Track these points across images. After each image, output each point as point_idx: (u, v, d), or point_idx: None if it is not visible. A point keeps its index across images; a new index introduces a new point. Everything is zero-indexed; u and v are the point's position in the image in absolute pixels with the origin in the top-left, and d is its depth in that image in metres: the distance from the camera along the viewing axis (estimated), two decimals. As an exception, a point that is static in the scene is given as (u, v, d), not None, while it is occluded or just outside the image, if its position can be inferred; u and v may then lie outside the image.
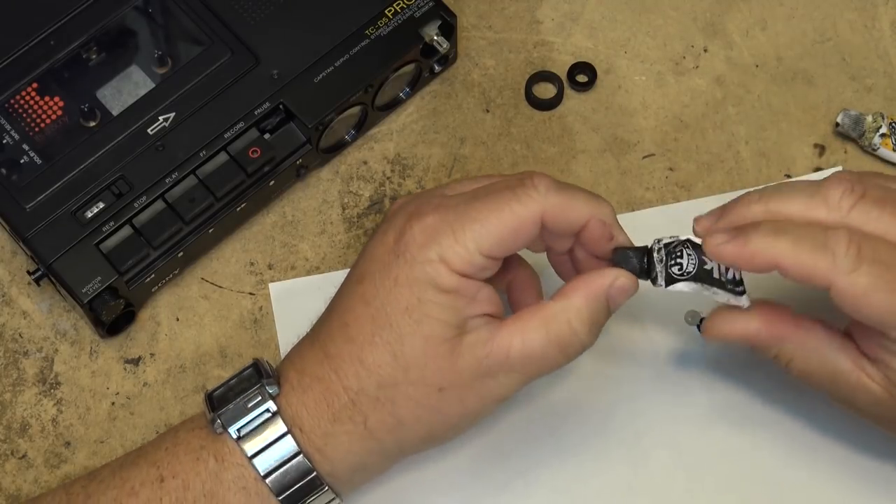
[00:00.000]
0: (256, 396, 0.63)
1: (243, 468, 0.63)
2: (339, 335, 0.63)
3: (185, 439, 0.64)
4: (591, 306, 0.63)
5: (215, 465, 0.63)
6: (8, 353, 0.74)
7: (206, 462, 0.63)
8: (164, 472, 0.63)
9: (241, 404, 0.63)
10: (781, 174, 0.77)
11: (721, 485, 0.70)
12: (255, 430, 0.63)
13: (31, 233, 0.72)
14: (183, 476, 0.63)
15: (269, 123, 0.74)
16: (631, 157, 0.78)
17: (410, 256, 0.62)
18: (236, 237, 0.77)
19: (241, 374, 0.65)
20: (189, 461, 0.63)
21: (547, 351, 0.63)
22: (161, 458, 0.64)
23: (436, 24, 0.76)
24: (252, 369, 0.65)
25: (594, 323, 0.63)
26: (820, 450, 0.70)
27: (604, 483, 0.70)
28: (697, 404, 0.71)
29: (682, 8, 0.82)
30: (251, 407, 0.63)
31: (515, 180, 0.63)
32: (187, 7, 0.76)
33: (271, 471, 0.63)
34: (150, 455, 0.64)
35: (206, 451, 0.63)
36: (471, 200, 0.63)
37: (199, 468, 0.63)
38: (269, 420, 0.63)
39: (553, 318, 0.63)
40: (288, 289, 0.75)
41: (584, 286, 0.63)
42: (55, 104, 0.75)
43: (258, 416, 0.63)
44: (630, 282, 0.64)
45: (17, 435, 0.72)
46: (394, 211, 0.65)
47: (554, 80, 0.80)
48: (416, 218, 0.63)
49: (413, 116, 0.79)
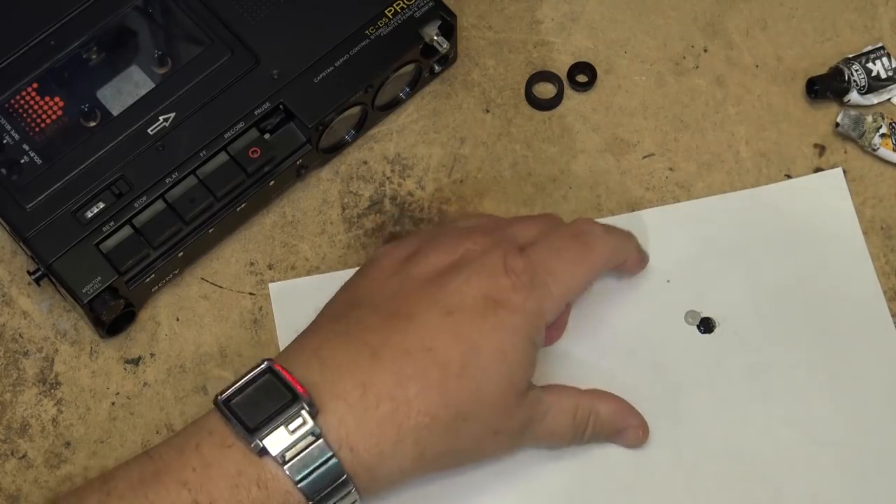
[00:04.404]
0: (297, 417, 0.61)
1: (289, 495, 0.61)
2: (421, 358, 0.63)
3: (215, 460, 0.61)
4: (606, 424, 0.69)
5: (259, 493, 0.60)
6: (8, 353, 0.74)
7: (247, 489, 0.60)
8: (199, 497, 0.60)
9: (279, 425, 0.60)
10: (781, 174, 0.77)
11: (721, 485, 0.70)
12: (300, 454, 0.61)
13: (31, 233, 0.71)
14: (222, 503, 0.60)
15: (269, 123, 0.74)
16: (631, 157, 0.78)
17: (513, 306, 0.64)
18: (236, 237, 0.77)
19: (258, 383, 0.62)
20: (227, 488, 0.60)
21: (566, 435, 0.68)
22: (190, 479, 0.60)
23: (436, 24, 0.76)
24: (270, 376, 0.62)
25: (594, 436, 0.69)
26: (820, 450, 0.70)
27: (604, 483, 0.70)
28: (697, 404, 0.71)
29: (682, 8, 0.82)
30: (294, 430, 0.61)
31: (576, 230, 0.69)
32: (187, 7, 0.76)
33: (316, 493, 0.61)
34: (176, 474, 0.61)
35: (245, 477, 0.61)
36: (551, 254, 0.67)
37: (241, 496, 0.60)
38: (315, 443, 0.61)
39: (580, 409, 0.68)
40: (288, 289, 0.75)
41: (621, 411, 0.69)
42: (55, 104, 0.75)
43: (302, 438, 0.61)
44: (643, 439, 0.70)
45: (17, 435, 0.72)
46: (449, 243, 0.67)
47: (554, 80, 0.80)
48: (512, 271, 0.65)
49: (413, 116, 0.79)
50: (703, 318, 0.73)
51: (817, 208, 0.76)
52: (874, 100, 0.78)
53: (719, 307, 0.73)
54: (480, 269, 0.65)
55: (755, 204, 0.76)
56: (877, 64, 0.77)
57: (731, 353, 0.72)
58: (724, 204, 0.76)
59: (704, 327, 0.73)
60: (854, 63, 0.77)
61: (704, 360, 0.72)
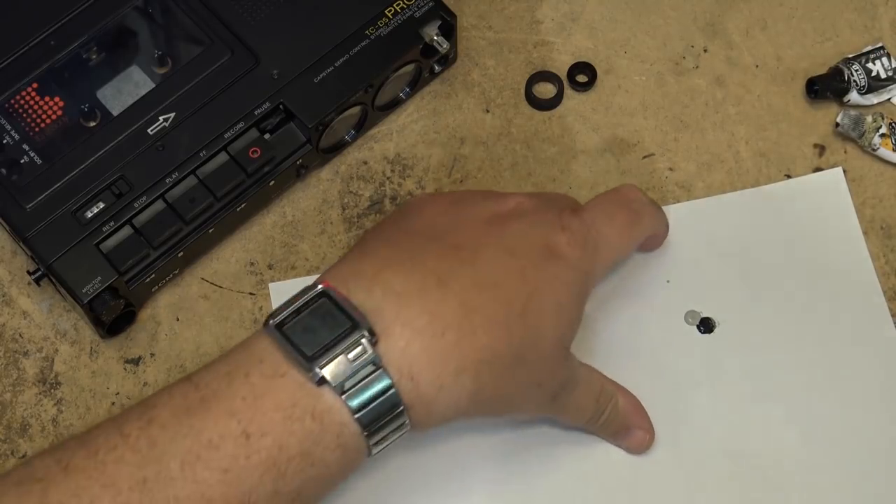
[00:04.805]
0: (357, 346, 0.58)
1: (344, 426, 0.58)
2: (489, 292, 0.61)
3: (267, 391, 0.58)
4: (620, 415, 0.69)
5: (313, 425, 0.58)
6: (8, 353, 0.74)
7: (301, 421, 0.58)
8: (250, 429, 0.57)
9: (339, 353, 0.58)
10: (781, 174, 0.77)
11: (721, 485, 0.70)
12: (359, 383, 0.58)
13: (31, 233, 0.71)
14: (274, 436, 0.57)
15: (269, 123, 0.74)
16: (631, 157, 0.78)
17: (569, 262, 0.64)
18: (236, 237, 0.77)
19: (313, 306, 0.59)
20: (280, 420, 0.57)
21: (587, 413, 0.68)
22: (239, 408, 0.58)
23: (436, 24, 0.76)
24: (326, 301, 0.59)
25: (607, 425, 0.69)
26: (820, 450, 0.70)
27: (604, 483, 0.70)
28: (697, 404, 0.71)
29: (682, 8, 0.82)
30: (354, 358, 0.58)
31: (624, 197, 0.70)
32: (187, 7, 0.76)
33: (372, 423, 0.59)
34: (224, 403, 0.58)
35: (300, 408, 0.58)
36: (602, 221, 0.67)
37: (294, 428, 0.58)
38: (375, 371, 0.58)
39: (604, 392, 0.68)
40: (288, 289, 0.75)
41: (636, 409, 0.70)
42: (55, 104, 0.75)
43: (362, 366, 0.58)
44: (648, 444, 0.70)
45: (17, 435, 0.72)
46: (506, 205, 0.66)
47: (554, 80, 0.80)
48: (568, 228, 0.65)
49: (413, 116, 0.79)
50: (703, 318, 0.73)
51: (817, 208, 0.76)
52: (874, 100, 0.78)
53: (719, 307, 0.73)
54: (539, 220, 0.64)
55: (755, 204, 0.76)
56: (877, 64, 0.77)
57: (731, 353, 0.72)
58: (724, 204, 0.76)
59: (704, 327, 0.73)
60: (854, 63, 0.77)
61: (704, 360, 0.72)
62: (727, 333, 0.73)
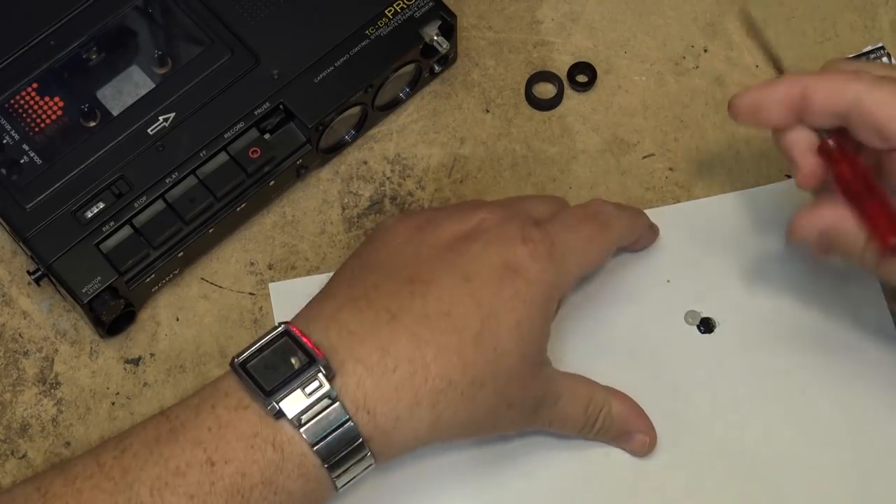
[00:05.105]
0: (314, 380, 0.61)
1: (305, 457, 0.61)
2: (440, 323, 0.63)
3: (231, 422, 0.61)
4: (616, 422, 0.69)
5: (274, 455, 0.61)
6: (8, 353, 0.74)
7: (262, 450, 0.61)
8: (214, 456, 0.60)
9: (296, 388, 0.61)
10: (781, 174, 0.77)
11: (721, 485, 0.70)
12: (316, 417, 0.61)
13: (31, 233, 0.71)
14: (237, 463, 0.60)
15: (269, 123, 0.74)
16: (631, 157, 0.78)
17: (530, 275, 0.64)
18: (236, 237, 0.77)
19: (274, 346, 0.62)
20: (242, 448, 0.61)
21: (576, 423, 0.68)
22: (205, 438, 0.61)
23: (436, 24, 0.76)
24: (287, 339, 0.63)
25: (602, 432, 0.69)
26: (820, 450, 0.70)
27: (604, 483, 0.70)
28: (697, 404, 0.71)
29: (682, 8, 0.82)
30: (310, 392, 0.61)
31: (590, 210, 0.69)
32: (187, 7, 0.76)
33: (331, 456, 0.61)
34: (191, 433, 0.61)
35: (261, 438, 0.61)
36: (566, 232, 0.67)
37: (256, 456, 0.61)
38: (331, 406, 0.61)
39: (593, 400, 0.68)
40: (288, 289, 0.75)
41: (633, 412, 0.70)
42: (55, 104, 0.75)
43: (318, 400, 0.61)
44: (650, 447, 0.70)
45: (17, 435, 0.72)
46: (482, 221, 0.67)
47: (554, 80, 0.80)
48: (530, 240, 0.65)
49: (413, 116, 0.79)
50: (703, 318, 0.73)
51: (817, 208, 0.76)
52: None
53: (719, 307, 0.73)
54: (498, 237, 0.65)
55: (755, 204, 0.76)
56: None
57: (731, 353, 0.72)
58: (724, 204, 0.76)
59: (704, 327, 0.73)
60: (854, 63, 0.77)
61: (704, 360, 0.72)
62: (727, 333, 0.73)
